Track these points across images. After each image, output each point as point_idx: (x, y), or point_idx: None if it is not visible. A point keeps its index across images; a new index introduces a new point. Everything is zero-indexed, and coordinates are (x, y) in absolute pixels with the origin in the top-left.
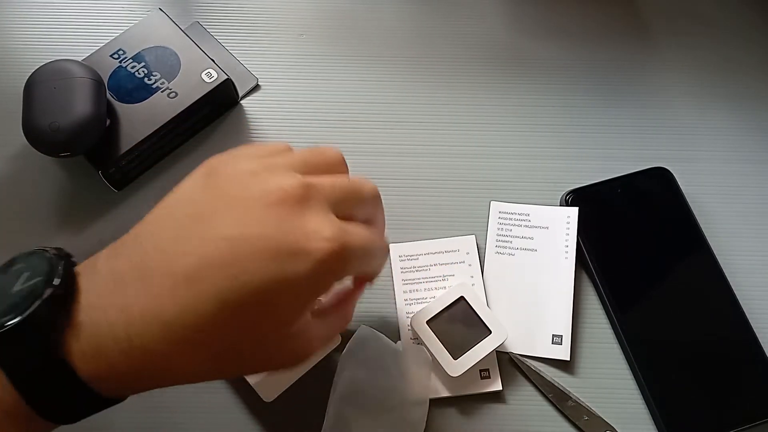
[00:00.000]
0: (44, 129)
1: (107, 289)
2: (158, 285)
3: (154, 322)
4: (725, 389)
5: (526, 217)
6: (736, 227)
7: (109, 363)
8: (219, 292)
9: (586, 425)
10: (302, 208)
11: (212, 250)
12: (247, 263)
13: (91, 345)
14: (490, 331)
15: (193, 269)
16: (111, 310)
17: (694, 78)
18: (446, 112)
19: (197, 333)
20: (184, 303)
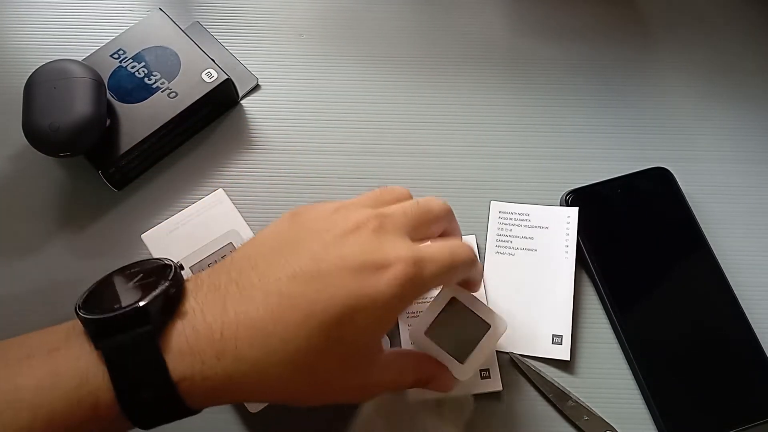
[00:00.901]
0: (44, 129)
1: (209, 296)
2: (254, 297)
3: (247, 327)
4: (725, 389)
5: (526, 217)
6: (736, 227)
7: (201, 362)
8: (308, 304)
9: (586, 425)
10: (379, 234)
11: (300, 268)
12: (332, 279)
13: (189, 343)
14: (489, 325)
15: (285, 285)
16: (210, 313)
17: (694, 78)
18: (446, 112)
19: (284, 343)
20: (276, 313)
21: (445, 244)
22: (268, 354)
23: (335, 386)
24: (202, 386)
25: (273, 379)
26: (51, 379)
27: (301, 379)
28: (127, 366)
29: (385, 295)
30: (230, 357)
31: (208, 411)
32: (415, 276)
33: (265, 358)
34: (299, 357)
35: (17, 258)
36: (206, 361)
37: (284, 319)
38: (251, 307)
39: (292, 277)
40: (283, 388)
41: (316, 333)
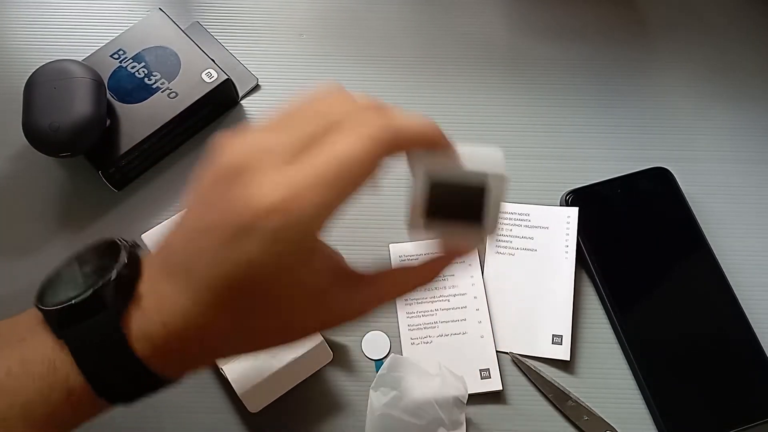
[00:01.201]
0: (44, 129)
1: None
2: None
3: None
4: (725, 389)
5: (526, 217)
6: (736, 227)
7: (155, 339)
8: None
9: (586, 425)
10: (232, 180)
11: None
12: (212, 249)
13: (145, 328)
14: (485, 173)
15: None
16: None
17: (694, 78)
18: (446, 112)
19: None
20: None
21: (326, 156)
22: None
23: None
24: (162, 356)
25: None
26: (22, 367)
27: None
28: (91, 353)
29: (264, 259)
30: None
31: (208, 411)
32: (287, 225)
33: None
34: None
35: (17, 258)
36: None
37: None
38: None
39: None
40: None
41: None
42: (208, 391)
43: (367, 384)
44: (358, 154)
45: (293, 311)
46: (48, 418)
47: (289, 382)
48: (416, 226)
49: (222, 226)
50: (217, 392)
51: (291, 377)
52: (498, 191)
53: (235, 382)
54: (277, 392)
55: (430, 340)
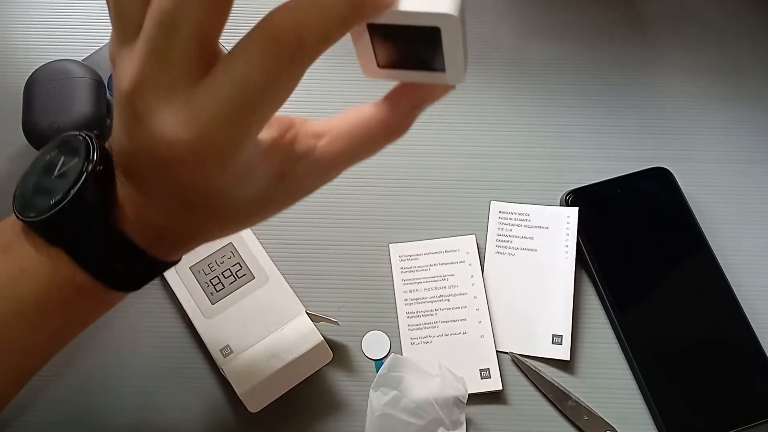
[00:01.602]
0: (44, 129)
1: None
2: None
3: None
4: (725, 389)
5: (526, 217)
6: (736, 227)
7: (135, 215)
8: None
9: (586, 425)
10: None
11: None
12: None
13: (128, 204)
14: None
15: None
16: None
17: (694, 78)
18: (446, 112)
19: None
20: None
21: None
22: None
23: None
24: (151, 237)
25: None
26: (20, 272)
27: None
28: (91, 253)
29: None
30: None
31: (207, 411)
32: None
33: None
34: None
35: None
36: (136, 216)
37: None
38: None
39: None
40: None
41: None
42: (208, 391)
43: (367, 384)
44: (258, 74)
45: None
46: (64, 315)
47: (289, 382)
48: (371, 66)
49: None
50: (217, 392)
51: (291, 377)
52: (452, 31)
53: (235, 382)
54: (277, 392)
55: (430, 340)
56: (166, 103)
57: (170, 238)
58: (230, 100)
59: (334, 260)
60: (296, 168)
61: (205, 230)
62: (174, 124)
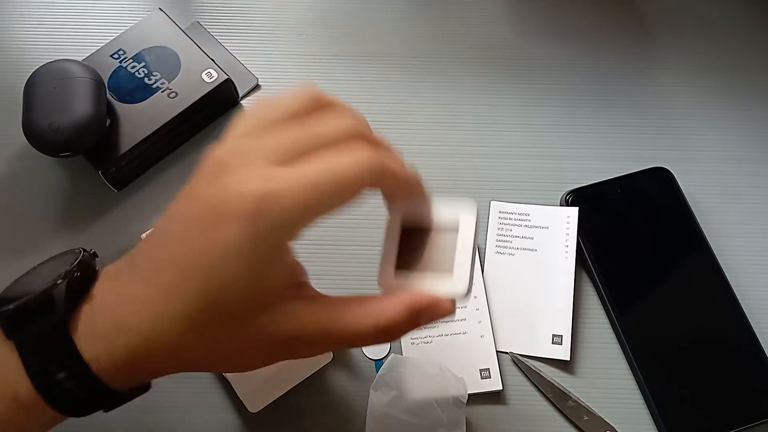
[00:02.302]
0: (44, 129)
1: (109, 279)
2: (143, 273)
3: (133, 300)
4: (725, 389)
5: (526, 217)
6: (736, 227)
7: (104, 341)
8: (175, 268)
9: (586, 425)
10: (221, 172)
11: (171, 229)
12: (191, 238)
13: (92, 324)
14: (456, 220)
15: (158, 251)
16: (108, 294)
17: (694, 78)
18: (446, 112)
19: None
20: (153, 281)
21: (317, 166)
22: (154, 322)
23: (233, 342)
24: (112, 364)
25: (172, 345)
26: None
27: (193, 341)
28: (38, 353)
29: (233, 247)
30: (126, 332)
31: (208, 411)
32: (261, 216)
33: (152, 328)
34: (185, 319)
35: (17, 258)
36: (108, 340)
37: (160, 286)
38: (136, 282)
39: (162, 243)
40: (183, 353)
41: (186, 294)
42: (208, 391)
43: (367, 384)
44: (350, 172)
45: (249, 318)
46: (14, 421)
47: (289, 382)
48: (387, 273)
49: (200, 215)
50: (217, 392)
51: (291, 377)
52: (469, 237)
53: (235, 382)
54: (277, 392)
55: (430, 340)
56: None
57: (141, 365)
58: (319, 178)
59: (334, 260)
60: (293, 303)
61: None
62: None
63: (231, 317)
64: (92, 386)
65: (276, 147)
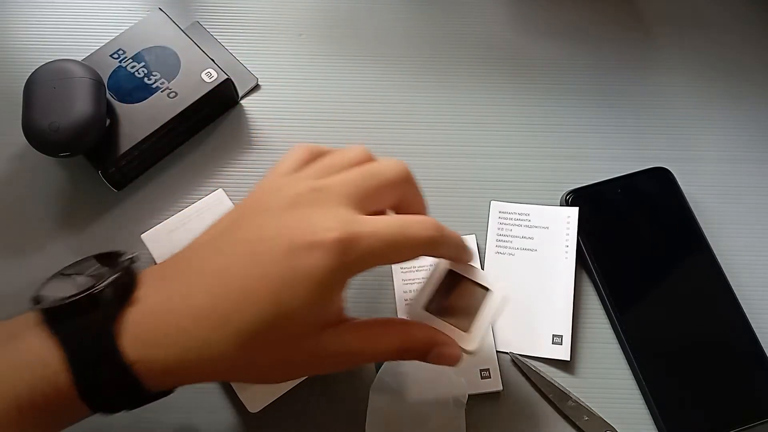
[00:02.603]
0: (44, 129)
1: (157, 284)
2: (196, 282)
3: (189, 308)
4: (725, 389)
5: (526, 217)
6: (736, 227)
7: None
8: (243, 284)
9: (586, 425)
10: (313, 209)
11: (235, 252)
12: (264, 258)
13: (139, 327)
14: (488, 289)
15: (223, 269)
16: (157, 300)
17: (694, 78)
18: (446, 112)
19: (225, 322)
20: (215, 293)
21: (394, 217)
22: (212, 331)
23: (287, 357)
24: (153, 369)
25: (221, 355)
26: (13, 364)
27: (247, 354)
28: (82, 350)
29: (315, 272)
30: (175, 339)
31: (208, 411)
32: (345, 251)
33: (209, 336)
34: (243, 332)
35: (17, 258)
36: (154, 343)
37: (222, 299)
38: (193, 291)
39: (229, 258)
40: (232, 364)
41: (253, 310)
42: (208, 391)
43: (367, 384)
44: (419, 236)
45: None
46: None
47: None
48: (417, 305)
49: (279, 240)
50: (217, 392)
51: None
52: (493, 307)
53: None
54: (277, 392)
55: None
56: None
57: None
58: (393, 232)
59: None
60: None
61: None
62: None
63: (291, 337)
64: (130, 388)
65: (354, 191)
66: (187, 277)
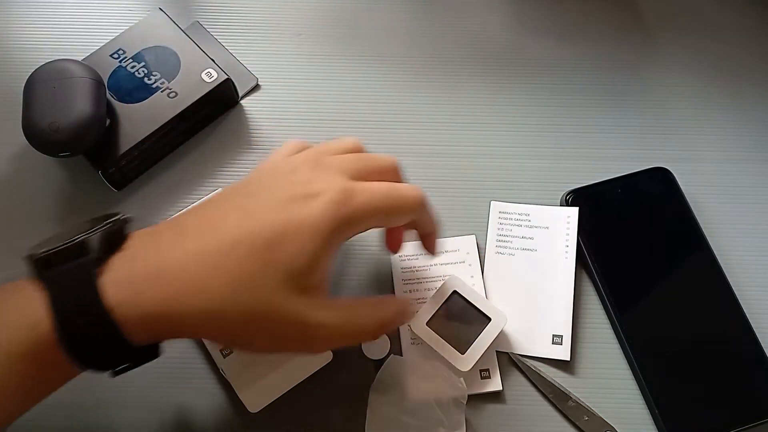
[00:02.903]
0: (44, 129)
1: (147, 237)
2: (188, 233)
3: (180, 254)
4: (725, 389)
5: (526, 217)
6: (736, 227)
7: (135, 289)
8: (237, 231)
9: (586, 425)
10: (314, 170)
11: (235, 204)
12: (261, 209)
13: (125, 272)
14: (489, 318)
15: (217, 222)
16: (146, 248)
17: (694, 78)
18: (446, 111)
19: (218, 264)
20: (208, 242)
21: (384, 183)
22: (202, 276)
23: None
24: (137, 312)
25: (207, 300)
26: (2, 317)
27: (237, 301)
28: (63, 291)
29: (313, 219)
30: (163, 281)
31: (208, 411)
32: (344, 202)
33: (197, 280)
34: (234, 276)
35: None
36: (140, 286)
37: (215, 245)
38: (186, 239)
39: (224, 212)
40: (219, 312)
41: (246, 257)
42: (208, 391)
43: (367, 384)
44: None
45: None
46: (29, 365)
47: (289, 382)
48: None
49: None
50: (217, 392)
51: (291, 377)
52: (490, 334)
53: (234, 382)
54: (277, 392)
55: None
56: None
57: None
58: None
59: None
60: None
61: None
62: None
63: (278, 288)
64: (109, 334)
65: (348, 167)
66: (180, 229)
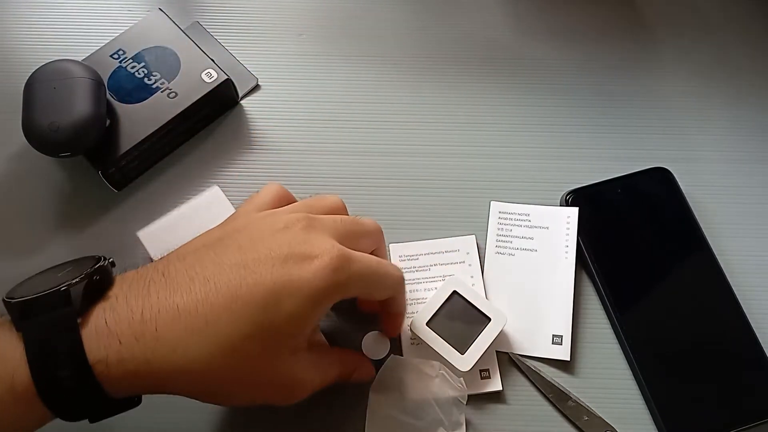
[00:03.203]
0: (44, 129)
1: (133, 285)
2: (180, 284)
3: (169, 309)
4: (725, 389)
5: (526, 217)
6: (736, 227)
7: (118, 343)
8: (234, 289)
9: (586, 425)
10: (308, 231)
11: (228, 259)
12: (258, 267)
13: (108, 324)
14: (489, 318)
15: (211, 274)
16: (132, 298)
17: (694, 78)
18: (446, 111)
19: (208, 324)
20: (201, 297)
21: (374, 257)
22: (190, 334)
23: (258, 376)
24: (119, 369)
25: (193, 362)
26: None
27: (223, 364)
28: (42, 343)
29: (311, 283)
30: (149, 338)
31: (208, 411)
32: (340, 269)
33: (186, 338)
34: (222, 338)
35: (17, 258)
36: (124, 342)
37: (209, 302)
38: (175, 293)
39: (218, 266)
40: (203, 374)
41: (240, 316)
42: None
43: (367, 384)
44: (393, 275)
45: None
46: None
47: None
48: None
49: (283, 250)
50: None
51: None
52: (490, 335)
53: None
54: None
55: None
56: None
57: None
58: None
59: None
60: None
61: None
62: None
63: (269, 351)
64: (89, 388)
65: (339, 230)
66: (171, 280)
